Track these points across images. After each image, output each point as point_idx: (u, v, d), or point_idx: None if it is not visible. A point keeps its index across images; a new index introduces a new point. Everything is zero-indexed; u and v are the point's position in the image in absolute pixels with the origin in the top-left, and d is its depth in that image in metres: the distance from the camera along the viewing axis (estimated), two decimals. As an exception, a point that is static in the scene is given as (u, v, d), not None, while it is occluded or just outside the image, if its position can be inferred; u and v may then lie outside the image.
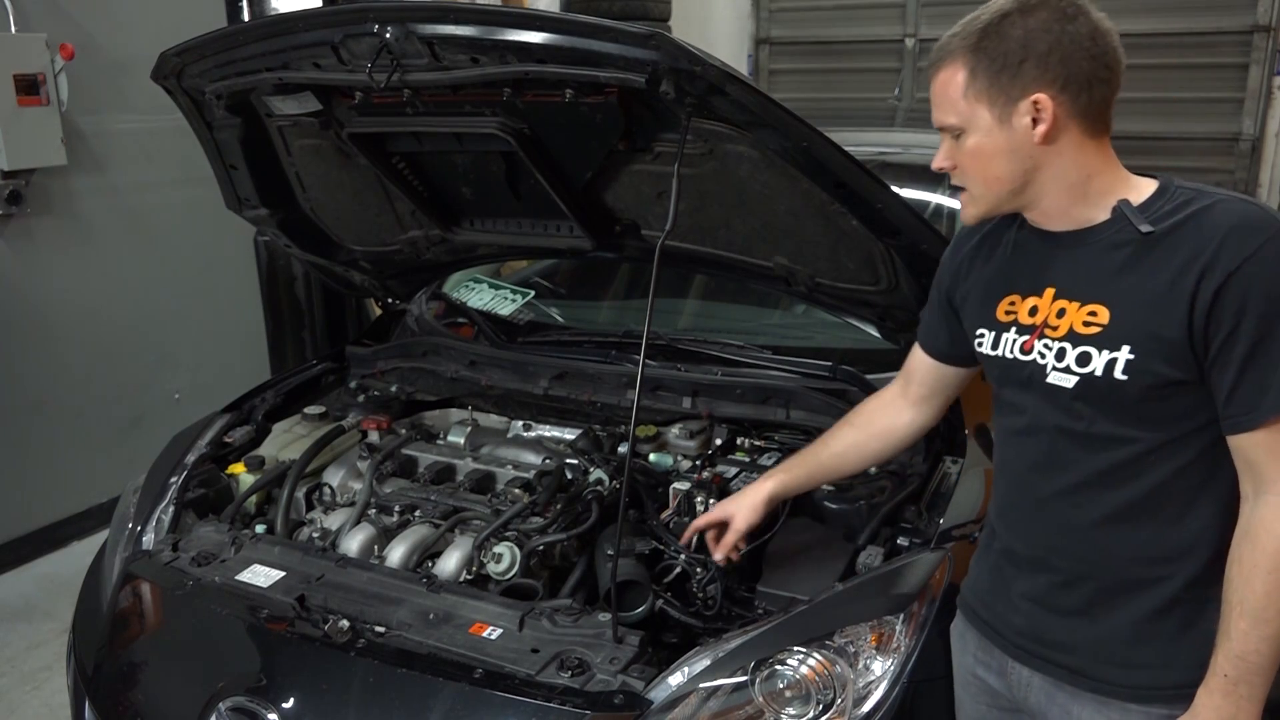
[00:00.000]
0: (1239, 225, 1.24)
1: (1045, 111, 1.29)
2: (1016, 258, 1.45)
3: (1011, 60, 1.29)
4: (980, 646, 1.58)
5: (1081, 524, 1.41)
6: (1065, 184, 1.35)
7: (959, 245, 1.58)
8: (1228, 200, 1.28)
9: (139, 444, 4.00)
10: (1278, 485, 1.26)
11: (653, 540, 1.97)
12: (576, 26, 1.74)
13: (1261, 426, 1.25)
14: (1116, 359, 1.31)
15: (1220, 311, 1.24)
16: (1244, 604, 1.26)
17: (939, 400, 1.73)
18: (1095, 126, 1.33)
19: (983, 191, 1.39)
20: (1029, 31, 1.29)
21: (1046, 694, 1.48)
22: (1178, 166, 6.65)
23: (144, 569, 2.07)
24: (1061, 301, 1.37)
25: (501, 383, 2.58)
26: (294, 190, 2.51)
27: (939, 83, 1.37)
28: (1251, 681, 1.27)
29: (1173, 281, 1.26)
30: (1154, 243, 1.29)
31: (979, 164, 1.37)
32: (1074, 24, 1.28)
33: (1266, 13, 6.23)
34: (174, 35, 2.18)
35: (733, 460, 2.19)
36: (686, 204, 2.06)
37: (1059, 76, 1.28)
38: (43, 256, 3.89)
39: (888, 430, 1.77)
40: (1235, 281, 1.22)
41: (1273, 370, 1.23)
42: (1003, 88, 1.31)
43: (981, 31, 1.32)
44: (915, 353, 1.72)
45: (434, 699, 1.65)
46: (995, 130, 1.33)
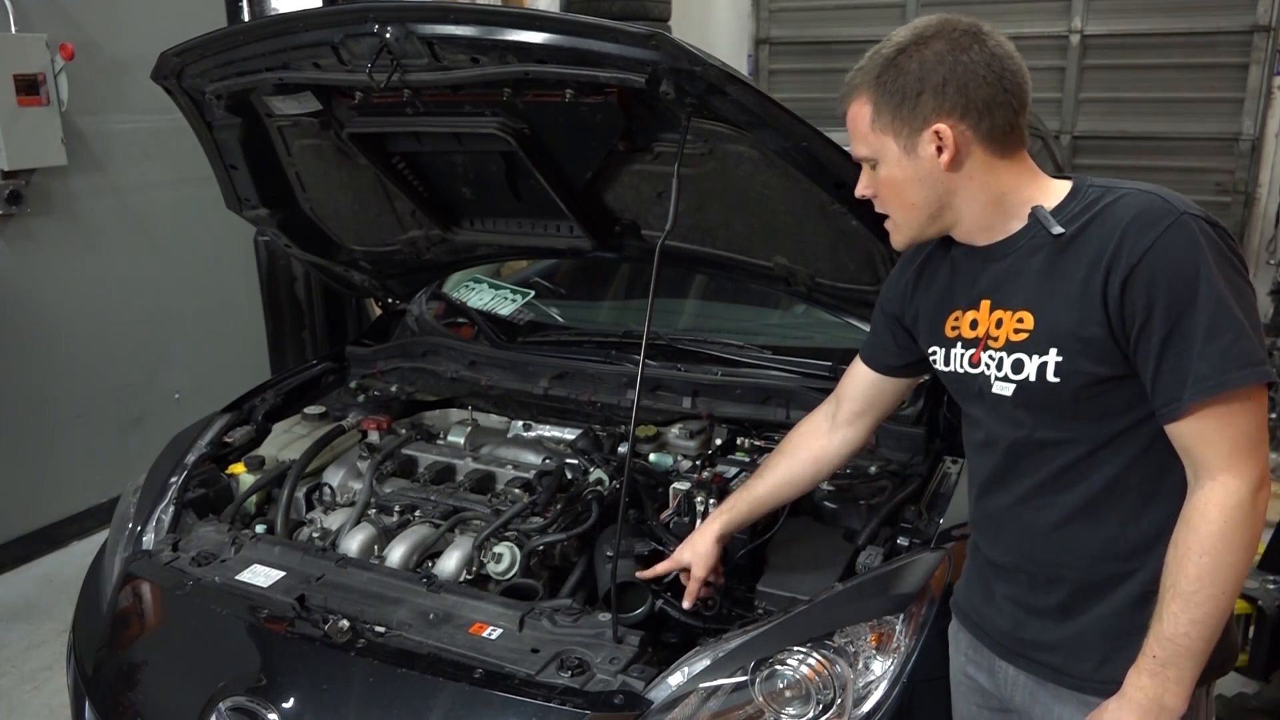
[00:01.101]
0: (1137, 217, 1.26)
1: (947, 140, 1.32)
2: (955, 274, 1.48)
3: (910, 93, 1.32)
4: (971, 646, 1.60)
5: (1043, 528, 1.43)
6: (980, 204, 1.37)
7: (904, 266, 1.61)
8: (1130, 194, 1.30)
9: (139, 444, 4.01)
10: (1210, 470, 1.26)
11: (652, 540, 1.97)
12: (576, 26, 1.74)
13: (1187, 415, 1.25)
14: (1046, 362, 1.33)
15: (1130, 305, 1.25)
16: (1176, 587, 1.27)
17: (870, 419, 1.76)
18: (1004, 146, 1.35)
19: (903, 219, 1.43)
20: (924, 64, 1.31)
21: (1030, 692, 1.49)
22: (1178, 166, 6.66)
23: (144, 569, 2.07)
24: (998, 312, 1.39)
25: (501, 383, 2.58)
26: (294, 190, 2.52)
27: (850, 117, 1.40)
28: (1179, 664, 1.28)
29: (1085, 280, 1.28)
30: (1066, 244, 1.31)
31: (894, 193, 1.40)
32: (968, 53, 1.30)
33: (1266, 13, 6.23)
34: (174, 35, 2.18)
35: (733, 460, 2.19)
36: (686, 204, 2.06)
37: (957, 105, 1.31)
38: (43, 256, 3.89)
39: (819, 456, 1.78)
40: (1138, 275, 1.24)
41: (1188, 358, 1.23)
42: (904, 119, 1.34)
43: (880, 66, 1.35)
44: (853, 372, 1.74)
45: (434, 699, 1.65)
46: (904, 160, 1.36)
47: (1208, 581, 1.25)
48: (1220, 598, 1.26)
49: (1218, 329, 1.22)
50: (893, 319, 1.63)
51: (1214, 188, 6.62)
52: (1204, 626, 1.26)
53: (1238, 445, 1.25)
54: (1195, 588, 1.25)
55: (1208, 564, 1.25)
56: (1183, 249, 1.23)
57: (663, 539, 1.98)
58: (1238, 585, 1.27)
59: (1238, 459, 1.25)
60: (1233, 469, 1.25)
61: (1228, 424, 1.25)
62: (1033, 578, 1.47)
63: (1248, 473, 1.25)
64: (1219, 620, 1.27)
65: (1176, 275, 1.23)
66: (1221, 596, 1.26)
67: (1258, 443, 1.26)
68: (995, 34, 1.33)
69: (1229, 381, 1.22)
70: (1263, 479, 1.26)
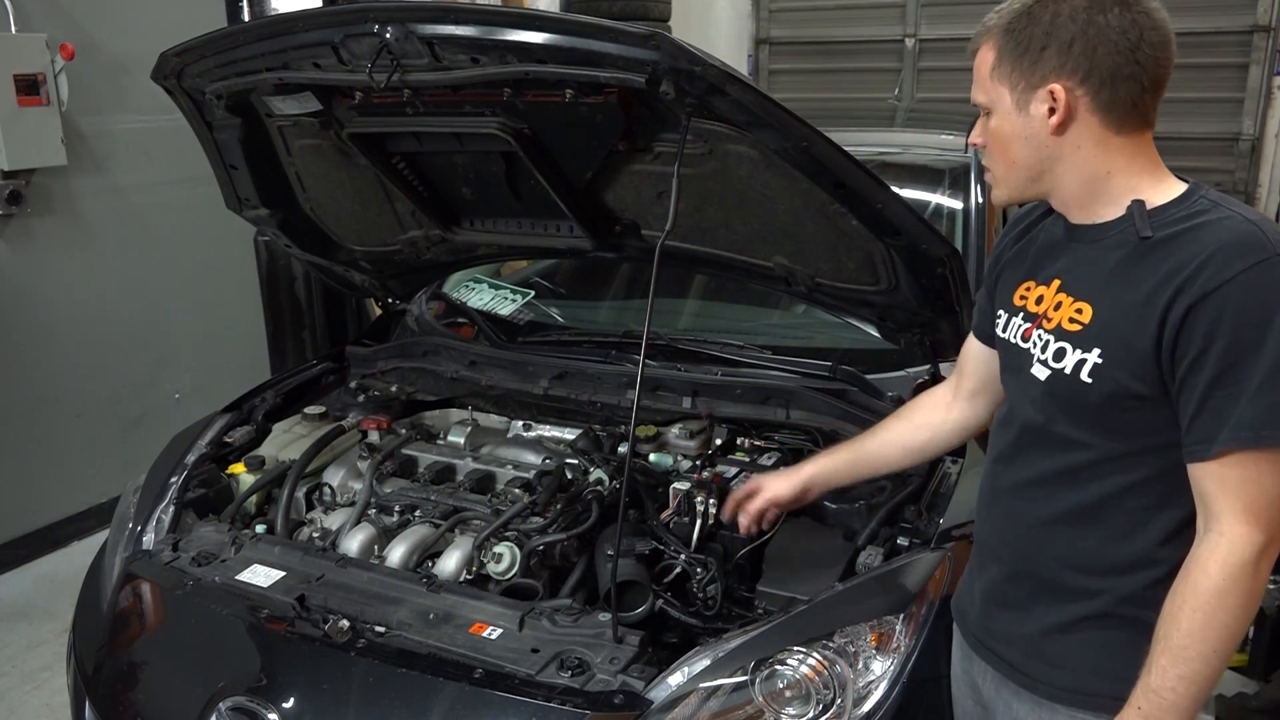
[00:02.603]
0: (1229, 244, 1.19)
1: (1060, 101, 1.26)
2: (1042, 245, 1.44)
3: (1034, 46, 1.27)
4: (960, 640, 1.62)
5: (1030, 520, 1.41)
6: (1081, 178, 1.32)
7: (1010, 228, 1.56)
8: (1233, 218, 1.23)
9: (139, 444, 4.01)
10: (1220, 522, 1.22)
11: (653, 540, 1.97)
12: (576, 26, 1.74)
13: (1215, 458, 1.21)
14: (1086, 360, 1.29)
15: (1190, 331, 1.20)
16: (1167, 639, 1.24)
17: (987, 398, 1.67)
18: (1123, 123, 1.28)
19: (1003, 174, 1.38)
20: (1057, 17, 1.25)
21: (995, 687, 1.50)
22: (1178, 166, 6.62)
23: (144, 569, 2.07)
24: (1062, 295, 1.35)
25: (501, 383, 2.58)
26: (294, 190, 2.51)
27: (976, 60, 1.35)
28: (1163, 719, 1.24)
29: (1153, 291, 1.23)
30: (1149, 249, 1.25)
31: (1000, 146, 1.36)
32: (1106, 14, 1.23)
33: (1266, 13, 6.24)
34: (174, 35, 2.18)
35: (733, 460, 2.19)
36: (686, 204, 2.06)
37: (1080, 67, 1.25)
38: (43, 256, 3.89)
39: (934, 425, 1.74)
40: (1208, 304, 1.18)
41: (1234, 401, 1.18)
42: (1024, 73, 1.29)
43: (1016, 13, 1.30)
44: (968, 343, 1.69)
45: (434, 699, 1.66)
46: (1014, 115, 1.31)
47: (1199, 638, 1.22)
48: (1211, 656, 1.22)
49: (1273, 383, 1.17)
50: (990, 281, 1.57)
51: (1214, 188, 6.61)
52: (1191, 683, 1.23)
53: (1255, 503, 1.21)
54: (1186, 643, 1.22)
55: (1201, 620, 1.22)
56: (1264, 290, 1.17)
57: (663, 539, 1.98)
58: (1231, 645, 1.23)
59: (1251, 517, 1.21)
60: (1244, 526, 1.21)
61: (1252, 480, 1.20)
62: (1005, 566, 1.47)
63: (1258, 534, 1.21)
64: (1209, 678, 1.24)
65: (1247, 316, 1.17)
66: (1212, 655, 1.22)
67: (1276, 505, 1.21)
68: (1150, 2, 1.25)
69: (1268, 438, 1.18)
70: (1271, 542, 1.22)
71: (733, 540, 2.00)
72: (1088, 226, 1.35)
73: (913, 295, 2.05)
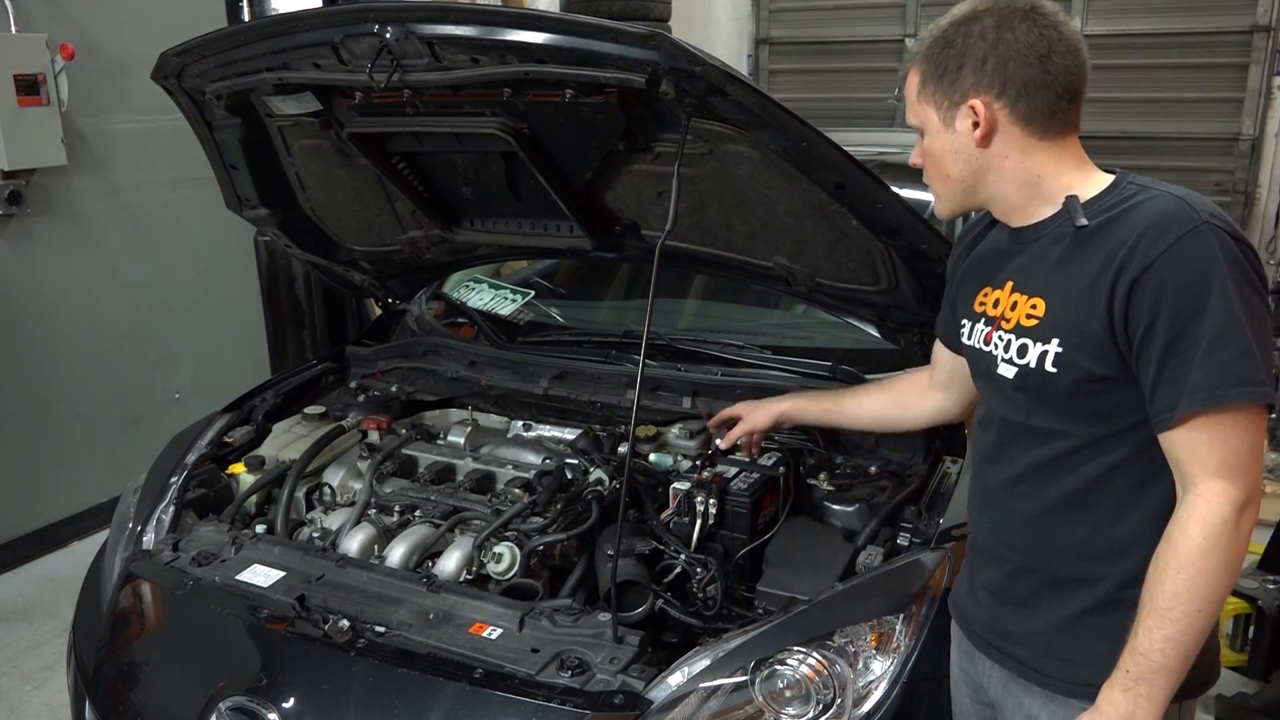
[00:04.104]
0: (1157, 221, 1.25)
1: (981, 115, 1.33)
2: (993, 252, 1.49)
3: (952, 66, 1.35)
4: (960, 639, 1.62)
5: (1023, 515, 1.44)
6: (1014, 184, 1.38)
7: (963, 237, 1.62)
8: (1160, 196, 1.29)
9: (139, 444, 4.01)
10: (1196, 485, 1.25)
11: (653, 540, 1.97)
12: (576, 27, 1.74)
13: (1179, 425, 1.24)
14: (1047, 351, 1.34)
15: (1136, 307, 1.25)
16: (1152, 602, 1.26)
17: (956, 393, 1.78)
18: (1045, 129, 1.34)
19: (941, 189, 1.46)
20: (968, 38, 1.33)
21: (1003, 685, 1.51)
22: (1178, 166, 6.65)
23: (144, 569, 2.07)
24: (1016, 295, 1.41)
25: (501, 383, 2.58)
26: (294, 190, 2.51)
27: (906, 87, 1.44)
28: (1152, 681, 1.27)
29: (1096, 276, 1.28)
30: (1087, 237, 1.31)
31: (934, 163, 1.44)
32: (1014, 31, 1.30)
33: (1266, 13, 6.23)
34: (174, 35, 2.18)
35: (733, 460, 2.19)
36: (686, 204, 2.06)
37: (995, 82, 1.32)
38: (43, 256, 3.89)
39: (909, 404, 1.87)
40: (1147, 279, 1.23)
41: (1188, 367, 1.22)
42: (945, 92, 1.36)
43: (935, 39, 1.38)
44: (937, 345, 1.78)
45: (434, 699, 1.66)
46: (943, 133, 1.39)
47: (1184, 599, 1.24)
48: (1197, 616, 1.24)
49: (1221, 342, 1.21)
50: (950, 293, 1.65)
51: (1214, 188, 6.61)
52: (1178, 644, 1.25)
53: (1226, 462, 1.24)
54: (1171, 604, 1.24)
55: (1184, 581, 1.24)
56: (1197, 258, 1.22)
57: (663, 539, 1.98)
58: (1216, 604, 1.26)
59: (1225, 476, 1.24)
60: (1219, 486, 1.24)
61: (1219, 439, 1.24)
62: (1007, 564, 1.48)
63: (1234, 491, 1.24)
64: (1195, 639, 1.26)
65: (1186, 283, 1.21)
66: (1198, 615, 1.24)
67: (1249, 462, 1.25)
68: (1056, 15, 1.32)
69: (1224, 396, 1.22)
70: (1249, 499, 1.25)
71: (733, 540, 2.01)
72: (1029, 227, 1.41)
73: (913, 295, 2.05)
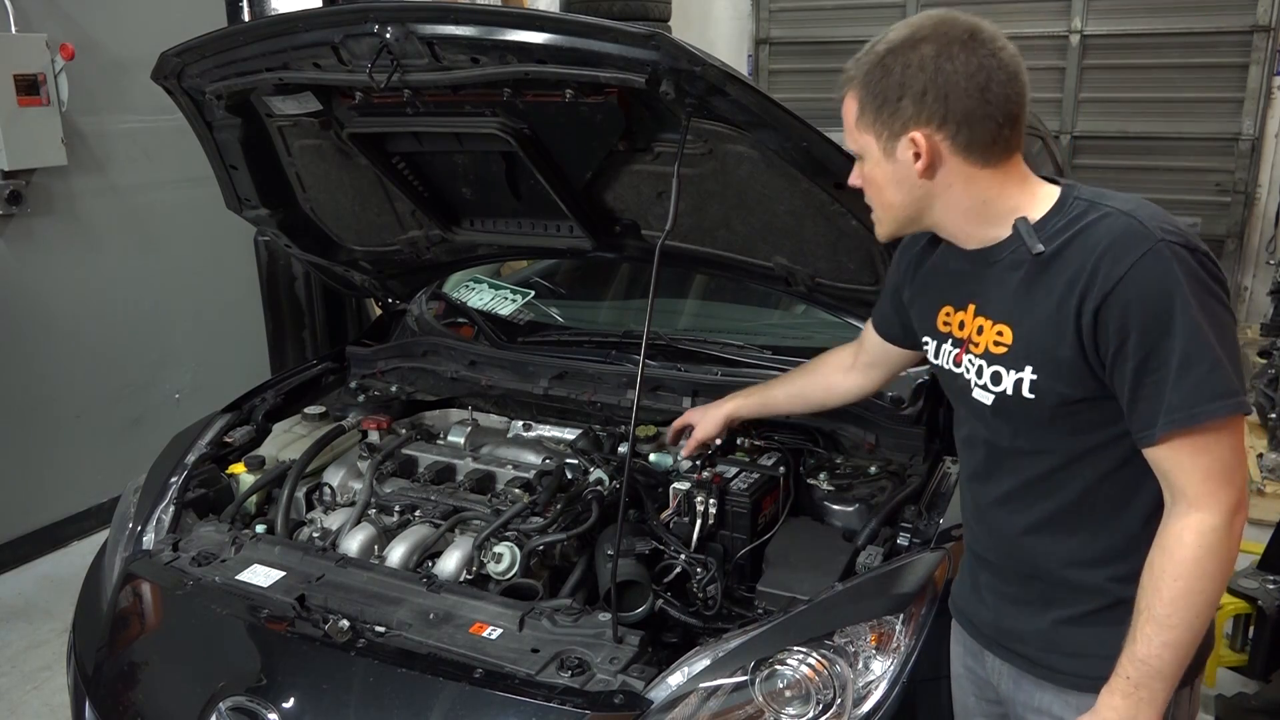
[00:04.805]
0: (1113, 243, 1.24)
1: (923, 148, 1.31)
2: (950, 270, 1.47)
3: (891, 97, 1.31)
4: (965, 637, 1.62)
5: (1016, 529, 1.45)
6: (959, 211, 1.36)
7: (909, 244, 1.60)
8: (1111, 214, 1.27)
9: (139, 444, 4.01)
10: (1187, 496, 1.27)
11: (653, 540, 1.97)
12: (576, 27, 1.74)
13: (1160, 443, 1.26)
14: (1023, 379, 1.34)
15: (1103, 332, 1.25)
16: (1150, 609, 1.28)
17: (881, 373, 1.86)
18: (988, 157, 1.32)
19: (882, 214, 1.43)
20: (908, 69, 1.29)
21: (1014, 681, 1.51)
22: (1178, 166, 6.66)
23: (144, 569, 2.07)
24: (980, 318, 1.40)
25: (501, 383, 2.58)
26: (294, 190, 2.51)
27: (843, 110, 1.39)
28: (1152, 686, 1.29)
29: (1060, 302, 1.28)
30: (1046, 263, 1.30)
31: (875, 190, 1.41)
32: (953, 61, 1.27)
33: (1266, 13, 6.23)
34: (174, 35, 2.18)
35: (733, 460, 2.19)
36: (686, 204, 2.06)
37: (936, 114, 1.29)
38: (43, 256, 3.89)
39: (831, 384, 1.92)
40: (1111, 302, 1.23)
41: (1163, 386, 1.23)
42: (885, 122, 1.33)
43: (870, 64, 1.33)
44: (869, 328, 1.80)
45: (434, 699, 1.65)
46: (883, 161, 1.36)
47: (1181, 605, 1.26)
48: (1194, 621, 1.26)
49: (1191, 360, 1.22)
50: (895, 293, 1.65)
51: (1214, 188, 6.62)
52: (1176, 649, 1.27)
53: (1211, 474, 1.25)
54: (1169, 611, 1.26)
55: (1181, 588, 1.26)
56: (1157, 278, 1.22)
57: (663, 539, 1.98)
58: (1211, 609, 1.28)
59: (1213, 487, 1.25)
60: (1207, 497, 1.26)
61: (1201, 453, 1.25)
62: (1009, 571, 1.49)
63: (1223, 501, 1.25)
64: (1191, 643, 1.28)
65: (1150, 304, 1.22)
66: (1195, 620, 1.26)
67: (1233, 468, 1.26)
68: (995, 40, 1.29)
69: (1201, 414, 1.22)
70: (1239, 503, 1.27)
71: (733, 540, 2.01)
72: (982, 250, 1.39)
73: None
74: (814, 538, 2.00)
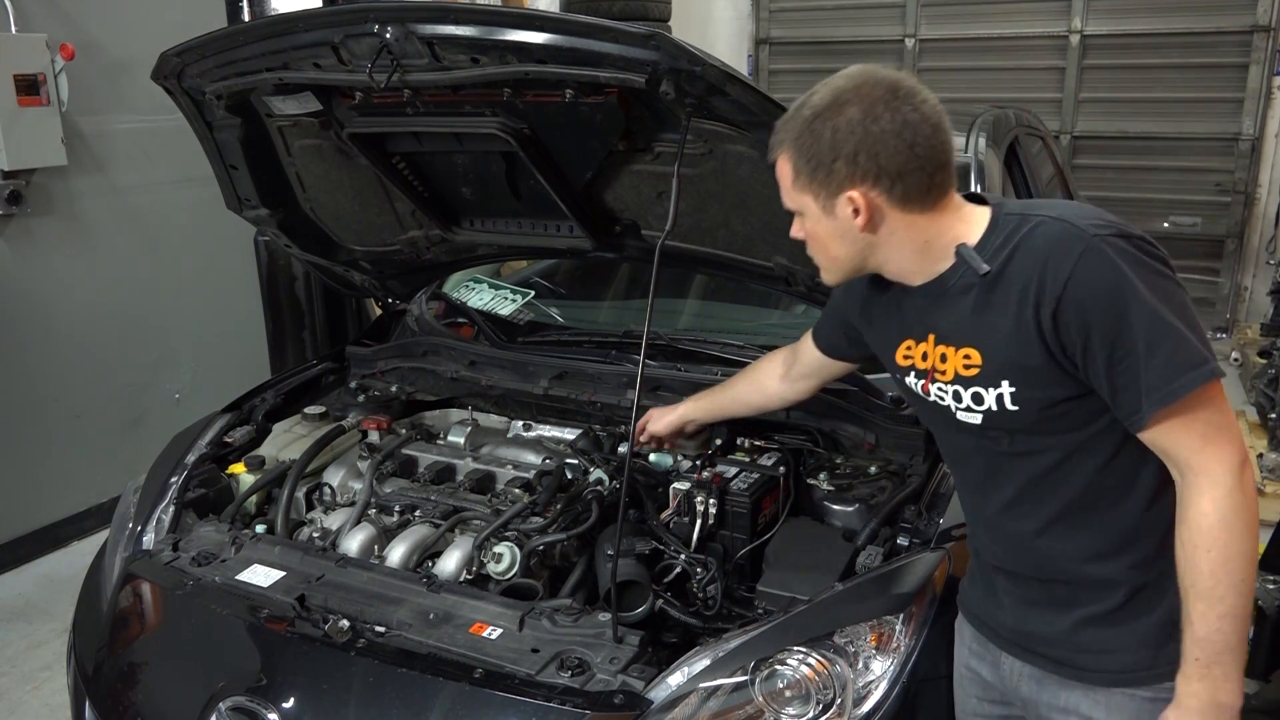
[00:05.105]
0: (1053, 249, 1.28)
1: (861, 205, 1.35)
2: (903, 303, 1.50)
3: (824, 160, 1.34)
4: (975, 640, 1.62)
5: (1027, 535, 1.46)
6: (905, 254, 1.40)
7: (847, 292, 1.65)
8: (1044, 222, 1.32)
9: (139, 444, 4.01)
10: (1191, 468, 1.29)
11: (653, 540, 1.97)
12: (576, 27, 1.74)
13: (1150, 425, 1.28)
14: (1003, 394, 1.37)
15: (1066, 334, 1.28)
16: (1195, 587, 1.29)
17: (815, 383, 1.94)
18: (924, 203, 1.36)
19: (827, 265, 1.47)
20: (836, 132, 1.33)
21: (1038, 683, 1.51)
22: (1178, 166, 6.66)
23: (144, 569, 2.07)
24: (942, 346, 1.43)
25: (501, 383, 2.58)
26: (294, 190, 2.51)
27: (777, 172, 1.43)
28: (1223, 661, 1.30)
29: (1017, 315, 1.31)
30: (993, 281, 1.34)
31: (818, 245, 1.45)
32: (879, 122, 1.31)
33: (1266, 13, 6.24)
34: (174, 35, 2.18)
35: (733, 460, 2.19)
36: (686, 204, 2.06)
37: (869, 173, 1.33)
38: (43, 256, 3.89)
39: (767, 394, 2.00)
40: (1065, 304, 1.27)
41: (1135, 373, 1.26)
42: (821, 184, 1.37)
43: (799, 129, 1.37)
44: (807, 340, 1.87)
45: (434, 699, 1.66)
46: (824, 219, 1.40)
47: (1223, 574, 1.27)
48: (1240, 585, 1.28)
49: (1156, 341, 1.25)
50: (843, 319, 1.70)
51: (1214, 188, 6.62)
52: (1233, 619, 1.28)
53: (1207, 438, 1.28)
54: (1213, 583, 1.27)
55: (1218, 557, 1.27)
56: (1101, 272, 1.26)
57: (663, 539, 1.98)
58: (1252, 569, 1.29)
59: (1213, 449, 1.28)
60: (1211, 461, 1.28)
61: (1190, 423, 1.28)
62: (1027, 576, 1.50)
63: (1226, 458, 1.28)
64: (1245, 609, 1.29)
65: (1102, 299, 1.25)
66: (1241, 584, 1.28)
67: (1225, 427, 1.29)
68: (915, 95, 1.33)
69: (1179, 389, 1.25)
70: (1241, 458, 1.29)
71: (733, 540, 2.01)
72: (931, 283, 1.42)
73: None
74: (814, 538, 2.00)
